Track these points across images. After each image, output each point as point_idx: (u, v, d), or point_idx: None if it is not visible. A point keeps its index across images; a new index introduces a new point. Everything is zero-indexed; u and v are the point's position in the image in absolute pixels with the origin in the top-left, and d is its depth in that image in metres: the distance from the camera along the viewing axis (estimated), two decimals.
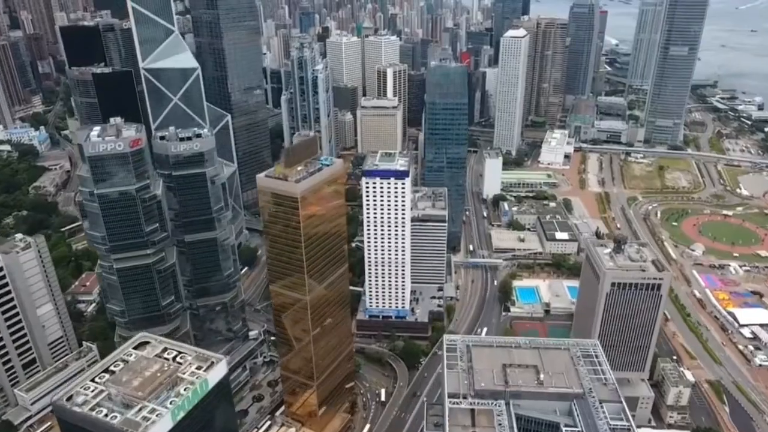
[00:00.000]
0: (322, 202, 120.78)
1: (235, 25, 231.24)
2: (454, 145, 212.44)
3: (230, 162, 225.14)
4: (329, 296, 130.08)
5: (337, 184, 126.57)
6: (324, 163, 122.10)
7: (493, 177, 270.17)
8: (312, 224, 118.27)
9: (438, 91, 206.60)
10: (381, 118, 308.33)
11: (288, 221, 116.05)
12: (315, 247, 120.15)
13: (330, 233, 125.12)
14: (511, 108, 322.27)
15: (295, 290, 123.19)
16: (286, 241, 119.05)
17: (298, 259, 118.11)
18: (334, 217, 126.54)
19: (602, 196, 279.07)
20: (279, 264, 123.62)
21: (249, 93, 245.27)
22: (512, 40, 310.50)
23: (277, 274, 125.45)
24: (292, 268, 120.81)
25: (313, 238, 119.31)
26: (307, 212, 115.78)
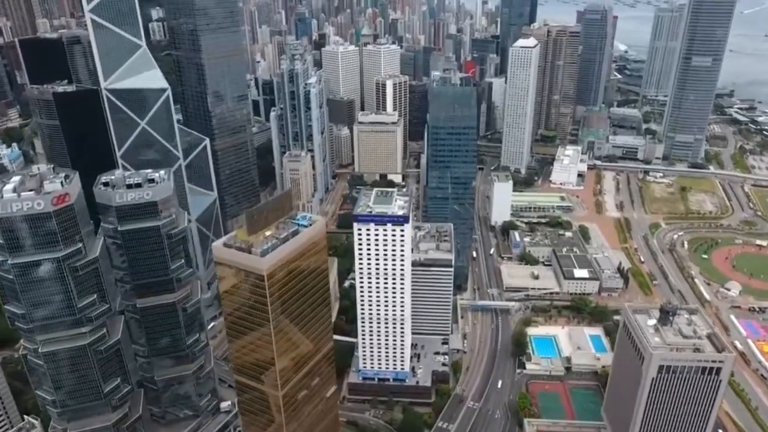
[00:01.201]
0: (299, 275, 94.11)
1: (215, 36, 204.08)
2: (461, 173, 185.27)
3: (209, 191, 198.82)
4: (310, 384, 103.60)
5: (318, 249, 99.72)
6: (300, 224, 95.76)
7: (503, 202, 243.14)
8: (286, 306, 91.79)
9: (442, 113, 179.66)
10: (380, 135, 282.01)
11: (252, 305, 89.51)
12: (290, 333, 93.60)
13: (309, 312, 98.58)
14: (521, 123, 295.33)
15: (263, 383, 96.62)
16: (250, 326, 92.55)
17: (267, 350, 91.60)
18: (315, 290, 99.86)
19: (621, 222, 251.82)
20: (242, 352, 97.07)
21: (232, 111, 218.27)
22: (522, 51, 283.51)
23: (241, 363, 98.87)
24: (259, 361, 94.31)
25: (288, 321, 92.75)
26: (279, 292, 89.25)
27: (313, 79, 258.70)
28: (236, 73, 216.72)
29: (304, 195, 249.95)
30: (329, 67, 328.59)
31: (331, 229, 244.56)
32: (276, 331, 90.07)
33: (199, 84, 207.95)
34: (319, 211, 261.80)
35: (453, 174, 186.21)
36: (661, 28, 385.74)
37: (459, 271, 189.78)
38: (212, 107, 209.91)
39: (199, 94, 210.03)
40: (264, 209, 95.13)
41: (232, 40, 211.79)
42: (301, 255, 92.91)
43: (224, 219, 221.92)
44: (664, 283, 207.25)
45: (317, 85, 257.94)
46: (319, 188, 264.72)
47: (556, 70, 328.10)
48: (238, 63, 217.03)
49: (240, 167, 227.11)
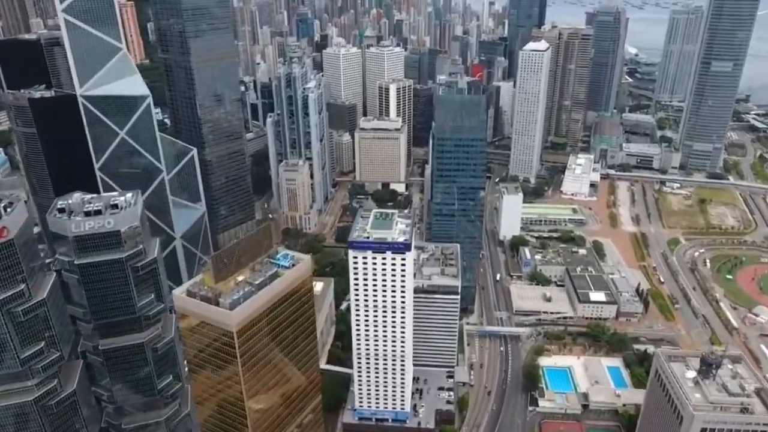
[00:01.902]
0: (278, 326, 78.68)
1: (205, 38, 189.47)
2: (467, 189, 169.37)
3: (197, 204, 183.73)
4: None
5: (303, 295, 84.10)
6: (281, 265, 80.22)
7: (512, 216, 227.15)
8: (262, 365, 76.41)
9: (448, 123, 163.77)
10: (382, 142, 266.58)
11: (221, 364, 74.14)
12: (266, 393, 78.18)
13: (291, 367, 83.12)
14: (530, 130, 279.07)
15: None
16: (218, 386, 77.17)
17: (239, 413, 76.20)
18: (298, 341, 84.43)
19: (638, 237, 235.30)
20: (210, 409, 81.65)
21: (225, 118, 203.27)
22: (532, 54, 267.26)
23: (209, 420, 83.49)
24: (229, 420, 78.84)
25: (264, 380, 77.32)
26: (252, 351, 73.92)
27: (312, 83, 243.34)
28: (228, 77, 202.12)
29: (301, 206, 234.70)
30: (330, 70, 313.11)
31: (329, 243, 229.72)
32: (249, 393, 74.85)
33: (189, 89, 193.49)
34: (318, 223, 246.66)
35: (459, 188, 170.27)
36: (676, 30, 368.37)
37: (465, 292, 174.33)
38: (202, 114, 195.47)
39: (188, 100, 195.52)
40: (235, 250, 79.74)
41: (223, 42, 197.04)
42: (281, 303, 77.61)
43: (215, 232, 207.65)
44: (687, 307, 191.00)
45: (316, 89, 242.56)
46: (317, 198, 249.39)
47: (567, 75, 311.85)
48: (231, 66, 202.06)
49: (233, 177, 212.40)
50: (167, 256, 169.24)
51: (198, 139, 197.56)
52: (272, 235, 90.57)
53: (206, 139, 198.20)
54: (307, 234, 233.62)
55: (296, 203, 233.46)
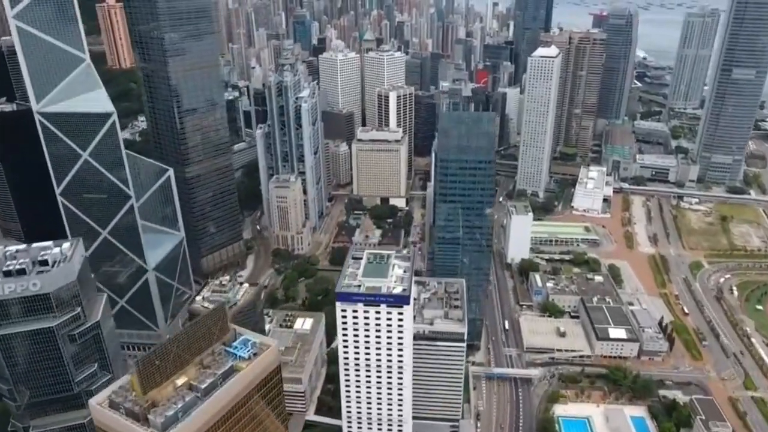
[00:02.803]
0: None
1: (185, 45, 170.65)
2: (474, 215, 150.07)
3: (174, 230, 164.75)
4: None
5: (269, 391, 65.09)
6: (239, 356, 61.16)
7: (521, 238, 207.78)
8: None
9: (453, 143, 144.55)
10: (381, 154, 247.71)
11: None
12: None
13: None
14: (539, 141, 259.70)
15: None
16: None
17: None
18: None
19: (657, 259, 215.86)
20: None
21: (208, 132, 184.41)
22: (542, 61, 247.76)
23: None
24: None
25: None
26: None
27: (306, 91, 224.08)
28: (212, 87, 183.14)
29: (293, 225, 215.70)
30: (327, 76, 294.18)
31: (323, 266, 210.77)
32: None
33: (168, 101, 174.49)
34: (311, 242, 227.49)
35: (465, 214, 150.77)
36: (691, 34, 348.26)
37: (471, 326, 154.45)
38: (183, 128, 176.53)
39: (168, 113, 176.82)
40: (172, 348, 60.59)
41: (206, 49, 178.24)
42: (240, 407, 58.60)
43: (197, 257, 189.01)
44: (715, 343, 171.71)
45: (310, 99, 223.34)
46: (311, 216, 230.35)
47: (577, 81, 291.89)
48: (215, 76, 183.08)
49: (219, 195, 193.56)
50: (139, 291, 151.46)
51: (179, 155, 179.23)
52: (227, 317, 71.34)
53: (188, 155, 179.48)
54: (300, 255, 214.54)
55: (287, 222, 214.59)
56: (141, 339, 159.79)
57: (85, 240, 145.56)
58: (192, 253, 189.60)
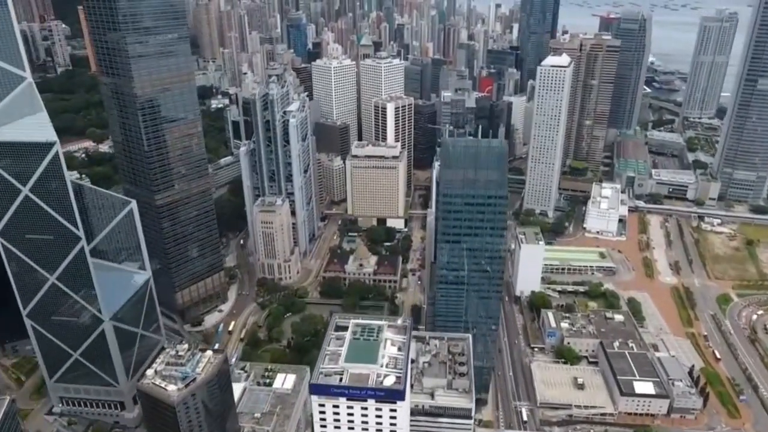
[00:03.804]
0: None
1: (153, 56, 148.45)
2: (483, 258, 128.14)
3: (139, 269, 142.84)
4: None
5: None
6: None
7: (531, 269, 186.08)
8: None
9: (457, 175, 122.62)
10: (377, 172, 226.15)
11: None
12: None
13: None
14: (549, 156, 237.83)
15: None
16: None
17: None
18: None
19: (680, 291, 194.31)
20: None
21: (182, 155, 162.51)
22: (553, 71, 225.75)
23: None
24: None
25: None
26: None
27: (295, 105, 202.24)
28: (185, 104, 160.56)
29: (279, 253, 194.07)
30: (320, 84, 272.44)
31: (313, 298, 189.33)
32: None
33: (134, 121, 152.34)
34: (300, 270, 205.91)
35: (472, 257, 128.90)
36: (707, 40, 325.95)
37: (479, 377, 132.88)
38: (150, 152, 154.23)
39: (134, 134, 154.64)
40: None
41: (178, 60, 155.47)
42: None
43: (171, 291, 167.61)
44: (754, 397, 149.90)
45: (299, 112, 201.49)
46: (300, 240, 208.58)
47: (589, 91, 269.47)
48: (188, 92, 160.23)
49: (196, 223, 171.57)
50: (94, 343, 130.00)
51: (148, 181, 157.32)
52: None
53: (158, 181, 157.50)
54: (287, 286, 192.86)
55: (273, 249, 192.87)
56: (99, 395, 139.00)
57: (32, 286, 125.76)
58: (165, 287, 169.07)
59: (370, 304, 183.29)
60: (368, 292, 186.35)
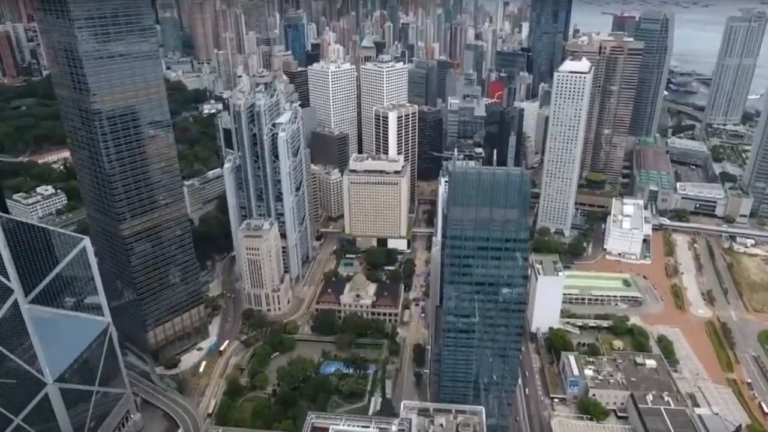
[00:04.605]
0: None
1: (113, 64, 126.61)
2: (497, 312, 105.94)
3: (96, 314, 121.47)
4: None
5: None
6: None
7: (549, 303, 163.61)
8: None
9: (468, 213, 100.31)
10: (378, 188, 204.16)
11: None
12: None
13: None
14: (566, 171, 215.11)
15: None
16: None
17: None
18: None
19: (716, 327, 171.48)
20: None
21: (151, 178, 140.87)
22: (571, 78, 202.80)
23: None
24: None
25: None
26: None
27: (285, 116, 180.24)
28: (154, 120, 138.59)
29: (267, 283, 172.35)
30: (317, 90, 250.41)
31: (304, 334, 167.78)
32: None
33: (92, 140, 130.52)
34: (292, 299, 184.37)
35: (486, 309, 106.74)
36: (733, 41, 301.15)
37: None
38: (113, 176, 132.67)
39: (94, 155, 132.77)
40: None
41: (145, 70, 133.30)
42: None
43: (142, 331, 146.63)
44: None
45: (290, 125, 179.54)
46: (292, 266, 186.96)
47: (608, 97, 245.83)
48: (157, 105, 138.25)
49: (169, 254, 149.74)
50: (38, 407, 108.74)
51: (111, 208, 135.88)
52: None
53: (122, 209, 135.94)
54: (275, 321, 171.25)
55: (260, 279, 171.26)
56: None
57: None
58: (135, 326, 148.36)
59: (367, 342, 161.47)
60: (366, 327, 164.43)
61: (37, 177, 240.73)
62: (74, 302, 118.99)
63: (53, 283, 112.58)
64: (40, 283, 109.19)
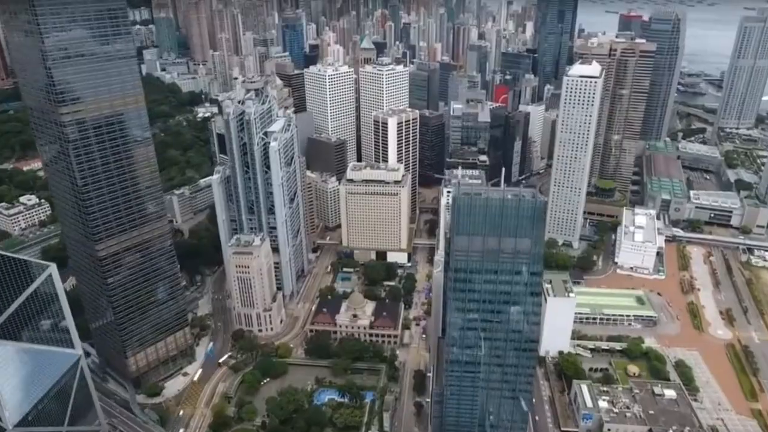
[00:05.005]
0: None
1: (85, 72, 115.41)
2: (510, 350, 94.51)
3: (65, 346, 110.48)
4: None
5: None
6: None
7: (560, 325, 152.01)
8: None
9: (474, 243, 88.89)
10: (377, 199, 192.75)
11: None
12: None
13: None
14: (575, 180, 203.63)
15: None
16: None
17: None
18: None
19: (738, 350, 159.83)
20: None
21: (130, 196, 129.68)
22: (581, 83, 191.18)
23: None
24: None
25: None
26: None
27: (279, 124, 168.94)
28: (132, 132, 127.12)
29: (258, 302, 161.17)
30: (314, 94, 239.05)
31: (297, 358, 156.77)
32: None
33: (64, 155, 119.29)
34: (285, 318, 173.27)
35: (494, 347, 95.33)
36: (747, 42, 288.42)
37: None
38: (87, 193, 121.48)
39: (66, 170, 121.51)
40: None
41: (120, 73, 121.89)
42: None
43: (122, 357, 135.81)
44: None
45: (283, 133, 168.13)
46: (285, 283, 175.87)
47: (618, 101, 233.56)
48: (135, 116, 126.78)
49: (151, 275, 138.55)
50: None
51: (86, 228, 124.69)
52: None
53: (97, 228, 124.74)
54: (267, 343, 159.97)
55: (251, 298, 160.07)
56: None
57: None
58: (114, 353, 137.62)
59: (364, 367, 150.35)
60: (363, 351, 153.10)
61: (21, 185, 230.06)
62: (41, 334, 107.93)
63: (16, 314, 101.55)
64: (1, 315, 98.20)
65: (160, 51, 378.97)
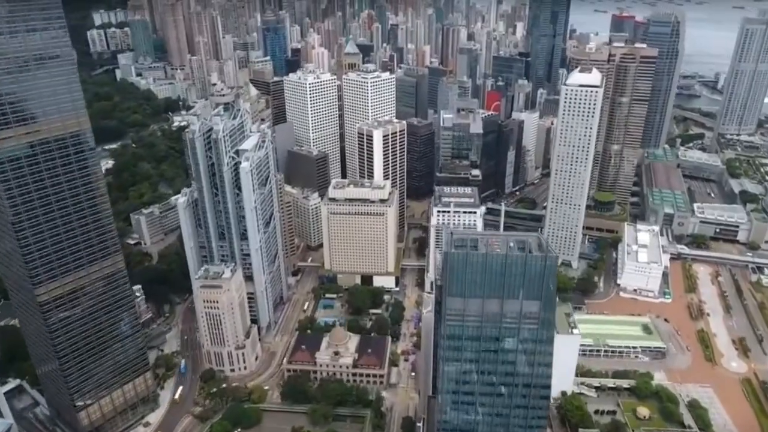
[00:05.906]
0: None
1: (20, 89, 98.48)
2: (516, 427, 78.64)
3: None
4: None
5: None
6: None
7: (563, 363, 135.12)
8: None
9: (471, 306, 72.50)
10: (361, 219, 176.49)
11: None
12: None
13: None
14: (575, 195, 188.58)
15: None
16: None
17: None
18: None
19: (755, 386, 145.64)
20: None
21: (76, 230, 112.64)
22: (581, 92, 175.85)
23: None
24: None
25: None
26: None
27: (251, 141, 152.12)
28: (76, 152, 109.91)
29: (229, 340, 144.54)
30: (295, 104, 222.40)
31: (272, 404, 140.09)
32: None
33: None
34: (261, 354, 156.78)
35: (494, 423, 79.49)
36: (749, 44, 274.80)
37: None
38: (23, 227, 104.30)
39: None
40: None
41: (54, 82, 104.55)
42: None
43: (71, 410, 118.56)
44: None
45: (256, 151, 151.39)
46: (261, 315, 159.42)
47: (618, 109, 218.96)
48: (74, 130, 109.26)
49: (104, 318, 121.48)
50: None
51: (23, 270, 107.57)
52: None
53: (37, 270, 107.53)
54: (238, 386, 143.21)
55: (221, 336, 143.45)
56: None
57: None
58: (61, 407, 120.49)
59: (347, 413, 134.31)
60: (345, 394, 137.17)
61: None
62: None
63: None
64: None
65: (135, 55, 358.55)
